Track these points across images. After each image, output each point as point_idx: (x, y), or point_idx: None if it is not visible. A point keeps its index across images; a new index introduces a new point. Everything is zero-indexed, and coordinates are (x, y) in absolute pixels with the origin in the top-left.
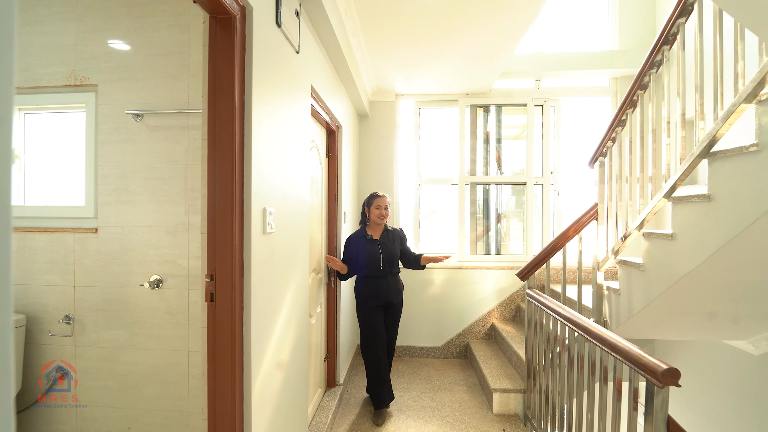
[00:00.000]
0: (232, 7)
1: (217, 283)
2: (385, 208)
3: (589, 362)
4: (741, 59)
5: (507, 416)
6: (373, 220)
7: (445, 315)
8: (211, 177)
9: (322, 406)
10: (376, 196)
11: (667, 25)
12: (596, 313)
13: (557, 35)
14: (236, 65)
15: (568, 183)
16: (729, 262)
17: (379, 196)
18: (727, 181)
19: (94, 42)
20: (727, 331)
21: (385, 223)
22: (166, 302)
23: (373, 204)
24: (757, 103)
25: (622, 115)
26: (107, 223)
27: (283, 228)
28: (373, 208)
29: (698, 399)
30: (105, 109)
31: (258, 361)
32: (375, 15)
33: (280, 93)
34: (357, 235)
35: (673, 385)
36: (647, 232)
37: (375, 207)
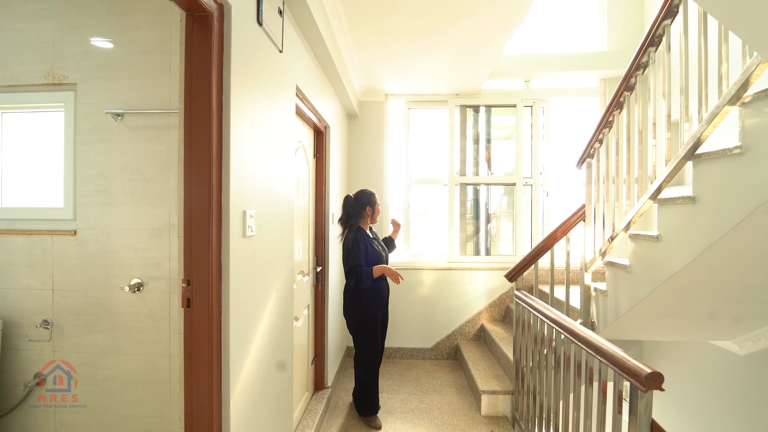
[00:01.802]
0: (209, 5)
1: (194, 288)
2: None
3: (575, 364)
4: (725, 61)
5: (495, 418)
6: (374, 219)
7: (435, 316)
8: (187, 179)
9: (309, 409)
10: (374, 193)
11: (653, 26)
12: (584, 314)
13: (546, 36)
14: (213, 64)
15: (557, 184)
16: (714, 264)
17: (374, 192)
18: (712, 183)
19: (72, 40)
20: (713, 332)
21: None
22: (147, 306)
23: (377, 202)
24: (741, 105)
25: (609, 116)
26: (87, 225)
27: (266, 230)
28: (377, 206)
29: (685, 398)
30: (84, 109)
31: (237, 367)
32: (362, 14)
33: (263, 93)
34: (360, 235)
35: (657, 389)
36: (633, 234)
37: (378, 205)
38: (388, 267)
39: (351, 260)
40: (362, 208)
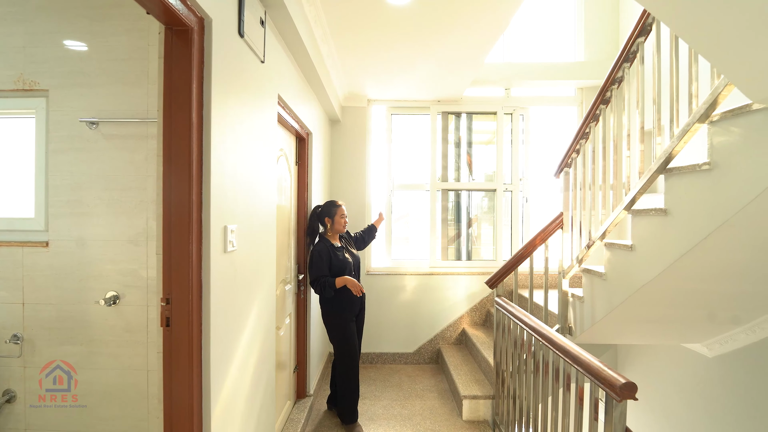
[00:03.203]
0: (189, 19)
1: (174, 307)
2: (346, 215)
3: (553, 369)
4: (695, 80)
5: (476, 422)
6: (337, 229)
7: (417, 321)
8: (166, 195)
9: (291, 419)
10: (338, 204)
11: (628, 43)
12: (562, 319)
13: (526, 46)
14: (194, 78)
15: (536, 190)
16: (684, 274)
17: (340, 204)
18: (682, 196)
19: (45, 45)
20: (684, 335)
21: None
22: (124, 319)
23: (338, 213)
24: (710, 123)
25: (585, 128)
26: (59, 236)
27: (248, 244)
28: (338, 217)
29: (659, 400)
30: (57, 116)
31: (218, 385)
32: (345, 24)
33: (244, 104)
34: (323, 246)
35: (630, 399)
36: (609, 243)
37: (340, 216)
38: (350, 279)
39: (314, 271)
40: (321, 220)
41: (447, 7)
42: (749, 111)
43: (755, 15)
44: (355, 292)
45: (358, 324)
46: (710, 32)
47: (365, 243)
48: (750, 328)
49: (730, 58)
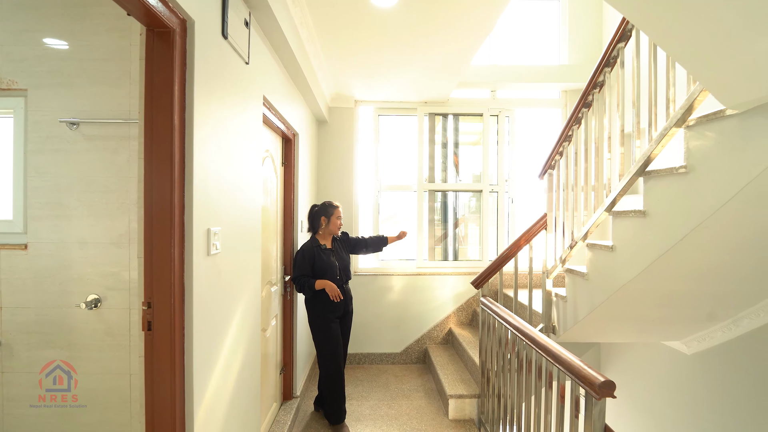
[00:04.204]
0: (171, 21)
1: (155, 311)
2: (341, 217)
3: (536, 367)
4: (672, 86)
5: (462, 421)
6: (331, 230)
7: (404, 321)
8: (147, 198)
9: (277, 420)
10: (335, 206)
11: (609, 48)
12: (545, 318)
13: (512, 49)
14: (176, 80)
15: (521, 191)
16: (663, 274)
17: (337, 206)
18: (660, 198)
19: (23, 43)
20: (663, 333)
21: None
22: (105, 323)
23: (334, 214)
24: (686, 127)
25: (568, 131)
26: (39, 238)
27: (232, 246)
28: (334, 218)
29: (641, 396)
30: (36, 116)
31: (201, 388)
32: (331, 25)
33: (228, 106)
34: (310, 245)
35: (609, 397)
36: (591, 243)
37: (336, 217)
38: (329, 283)
39: (296, 269)
40: (318, 218)
41: (432, 10)
42: (723, 116)
43: (728, 25)
44: (332, 297)
45: (344, 327)
46: (685, 40)
47: (367, 250)
48: (726, 325)
49: (704, 65)
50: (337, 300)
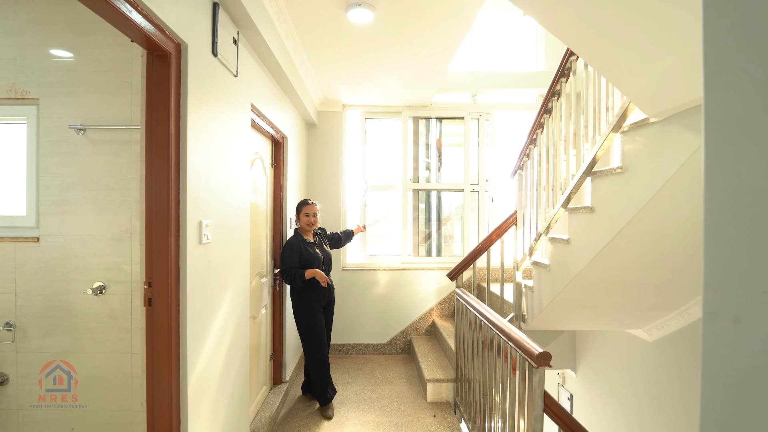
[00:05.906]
0: (168, 45)
1: (155, 289)
2: (314, 215)
3: (495, 345)
4: (611, 95)
5: (439, 404)
6: (301, 226)
7: (390, 313)
8: (148, 195)
9: (266, 402)
10: (306, 203)
11: (563, 61)
12: (516, 308)
13: (492, 56)
14: (172, 95)
15: (501, 190)
16: (609, 263)
17: (309, 203)
18: (603, 195)
19: (34, 56)
20: (623, 322)
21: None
22: (109, 307)
23: (302, 211)
24: (621, 133)
25: (533, 135)
26: (49, 232)
27: (221, 238)
28: (302, 215)
29: (610, 382)
30: (47, 123)
31: (194, 357)
32: (314, 38)
33: (218, 115)
34: (295, 240)
35: (546, 366)
36: (552, 237)
37: (304, 214)
38: (318, 271)
39: (285, 262)
40: (297, 215)
41: (406, 24)
42: (648, 123)
43: (637, 47)
44: (322, 283)
45: (327, 315)
46: (608, 59)
47: (341, 244)
48: (680, 313)
49: (625, 80)
50: (326, 285)
